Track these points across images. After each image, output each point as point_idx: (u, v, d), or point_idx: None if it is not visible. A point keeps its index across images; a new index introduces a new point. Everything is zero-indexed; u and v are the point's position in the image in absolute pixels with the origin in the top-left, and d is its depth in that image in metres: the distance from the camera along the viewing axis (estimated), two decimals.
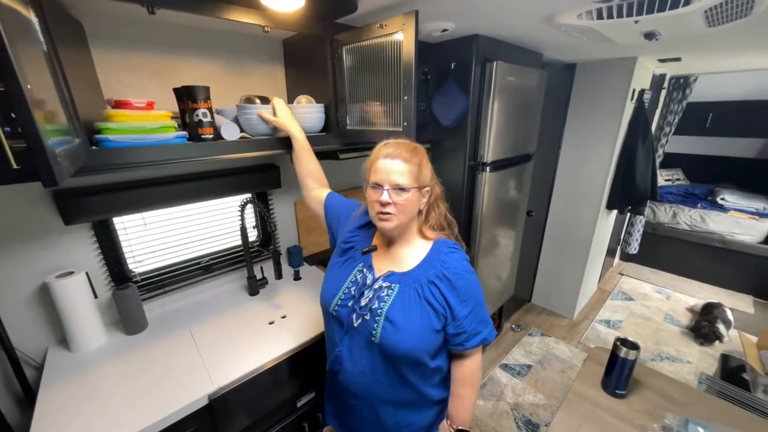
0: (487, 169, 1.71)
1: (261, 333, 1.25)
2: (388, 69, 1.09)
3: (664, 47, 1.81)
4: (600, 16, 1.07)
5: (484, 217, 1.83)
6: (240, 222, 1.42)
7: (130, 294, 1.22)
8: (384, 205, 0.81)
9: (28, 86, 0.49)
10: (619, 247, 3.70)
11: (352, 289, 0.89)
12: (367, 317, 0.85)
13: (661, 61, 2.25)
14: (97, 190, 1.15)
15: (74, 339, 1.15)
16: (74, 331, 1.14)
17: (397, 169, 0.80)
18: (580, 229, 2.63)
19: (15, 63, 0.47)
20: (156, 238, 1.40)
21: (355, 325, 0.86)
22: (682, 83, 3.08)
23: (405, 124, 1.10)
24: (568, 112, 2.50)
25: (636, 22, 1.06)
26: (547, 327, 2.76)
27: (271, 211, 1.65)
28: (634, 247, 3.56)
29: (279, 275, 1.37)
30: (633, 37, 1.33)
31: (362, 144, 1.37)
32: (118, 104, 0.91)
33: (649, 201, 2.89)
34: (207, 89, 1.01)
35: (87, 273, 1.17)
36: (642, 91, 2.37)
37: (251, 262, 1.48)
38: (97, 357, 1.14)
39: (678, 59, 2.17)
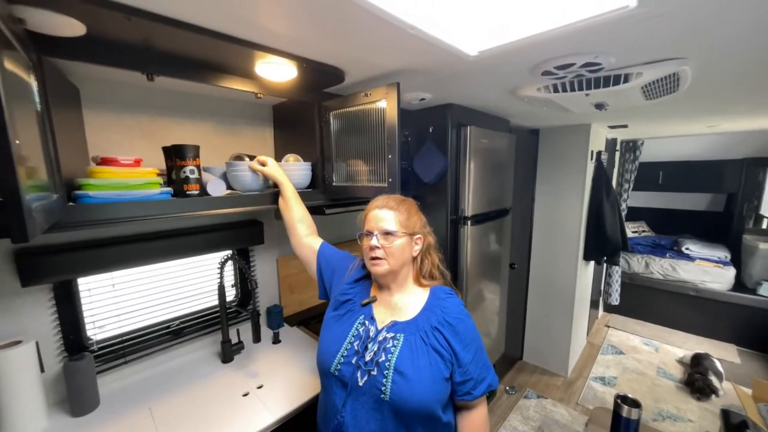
0: (469, 222, 1.77)
1: (234, 407, 1.11)
2: (373, 131, 1.17)
3: (613, 116, 2.07)
4: (556, 90, 1.23)
5: (470, 271, 1.84)
6: (219, 280, 1.35)
7: (84, 365, 1.08)
8: (373, 249, 0.85)
9: (17, 141, 0.49)
10: (601, 299, 3.74)
11: (355, 343, 0.84)
12: (374, 372, 0.78)
13: (611, 127, 2.56)
14: (64, 248, 1.08)
15: (6, 425, 0.97)
16: (10, 414, 0.97)
17: (385, 216, 0.86)
18: (562, 280, 2.67)
19: (8, 121, 0.47)
20: (123, 299, 1.29)
21: (360, 384, 0.79)
22: (632, 146, 3.47)
23: (390, 180, 1.15)
24: (537, 171, 2.72)
25: (587, 95, 1.23)
26: (543, 388, 2.62)
27: (252, 268, 1.59)
28: (615, 298, 3.61)
29: (257, 338, 1.27)
30: (586, 107, 1.52)
31: (348, 200, 1.40)
32: (105, 161, 0.91)
33: (621, 252, 3.02)
34: (197, 148, 1.04)
35: (37, 343, 1.04)
36: (599, 152, 2.64)
37: (227, 324, 1.37)
38: None
39: (625, 126, 2.47)
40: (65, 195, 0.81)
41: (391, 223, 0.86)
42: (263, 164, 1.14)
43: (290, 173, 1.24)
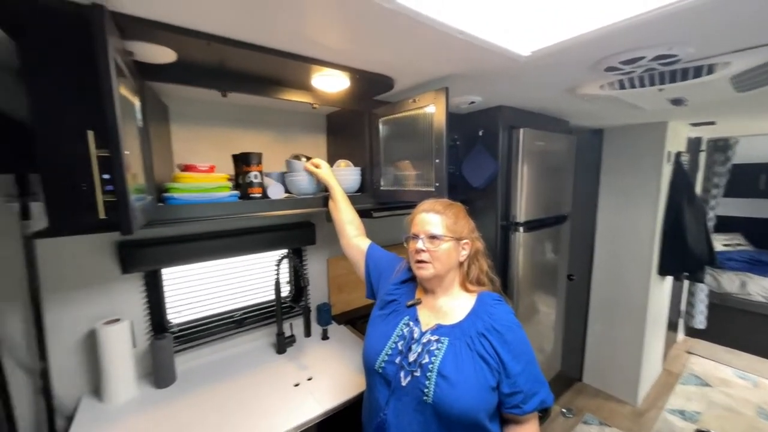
0: (521, 229, 1.69)
1: (285, 395, 1.19)
2: (421, 136, 1.19)
3: (695, 112, 1.82)
4: (623, 86, 1.13)
5: (521, 280, 1.74)
6: (275, 276, 1.47)
7: (166, 345, 1.25)
8: (419, 252, 0.86)
9: (126, 152, 0.60)
10: (681, 320, 3.27)
11: (399, 343, 0.85)
12: (417, 374, 0.79)
13: (694, 124, 2.25)
14: (153, 243, 1.26)
15: (108, 389, 1.16)
16: (109, 380, 1.16)
17: (431, 220, 0.87)
18: (631, 296, 2.39)
19: (121, 136, 0.58)
20: (195, 290, 1.46)
21: (403, 384, 0.80)
22: (722, 145, 3.00)
23: (437, 184, 1.15)
24: (601, 174, 2.49)
25: (660, 90, 1.10)
26: (606, 414, 2.36)
27: (304, 267, 1.70)
28: (700, 321, 3.12)
29: (308, 333, 1.35)
30: (660, 103, 1.37)
31: (395, 204, 1.43)
32: (186, 168, 1.06)
33: (707, 267, 2.62)
34: (260, 155, 1.15)
35: (131, 322, 1.23)
36: (678, 154, 2.33)
37: (282, 317, 1.48)
38: (126, 411, 1.13)
39: (712, 123, 2.16)
40: (156, 197, 0.95)
41: (437, 227, 0.86)
42: (317, 167, 1.22)
43: (340, 177, 1.31)
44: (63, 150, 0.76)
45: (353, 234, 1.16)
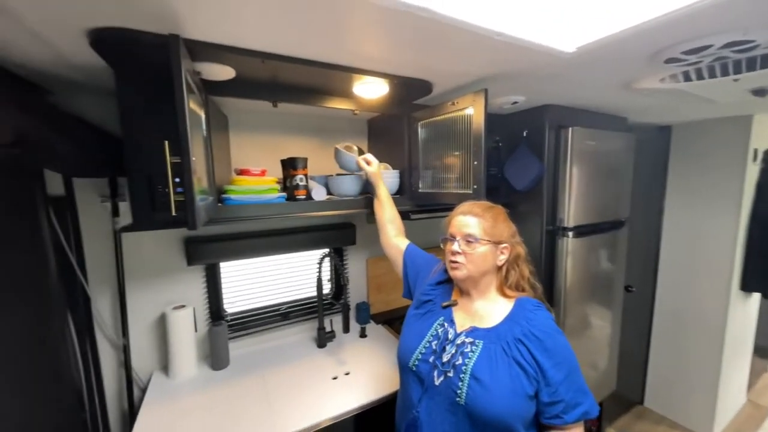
0: (570, 234, 1.59)
1: (324, 387, 1.25)
2: (459, 139, 1.19)
3: None
4: (688, 78, 1.02)
5: (569, 289, 1.63)
6: (317, 274, 1.55)
7: (221, 331, 1.39)
8: (454, 253, 0.86)
9: (194, 158, 0.70)
10: None
11: (434, 343, 0.86)
12: (450, 374, 0.79)
13: None
14: (213, 239, 1.41)
15: (174, 367, 1.32)
16: (175, 360, 1.32)
17: (468, 222, 0.87)
18: (705, 313, 2.11)
19: (190, 145, 0.67)
20: (247, 283, 1.60)
21: (436, 383, 0.81)
22: None
23: (475, 186, 1.14)
24: (668, 176, 2.24)
25: (736, 80, 0.98)
26: None
27: (344, 266, 1.77)
28: None
29: (347, 329, 1.40)
30: (737, 94, 1.21)
31: (432, 206, 1.43)
32: (242, 172, 1.17)
33: None
34: (305, 160, 1.24)
35: (194, 309, 1.39)
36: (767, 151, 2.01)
37: (322, 313, 1.56)
38: (188, 387, 1.27)
39: None
40: (216, 198, 1.07)
41: (473, 229, 0.85)
42: (368, 163, 1.26)
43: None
44: (145, 158, 0.89)
45: (393, 233, 1.20)
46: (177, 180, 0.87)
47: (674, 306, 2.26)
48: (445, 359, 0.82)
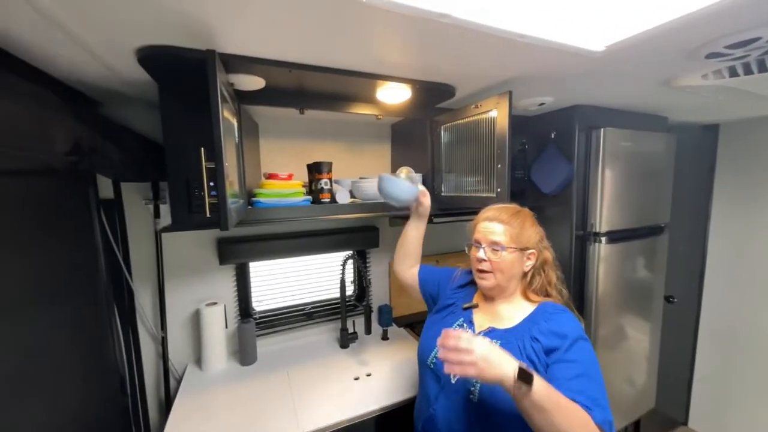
0: (602, 240, 1.51)
1: (346, 387, 1.28)
2: (483, 142, 1.17)
3: None
4: (734, 74, 0.95)
5: (601, 298, 1.55)
6: (341, 275, 1.58)
7: (250, 328, 1.45)
8: (480, 261, 0.86)
9: (227, 164, 0.74)
10: None
11: None
12: None
13: None
14: (243, 240, 1.48)
15: (206, 360, 1.40)
16: (208, 353, 1.39)
17: (495, 229, 0.85)
18: (759, 329, 1.92)
19: (223, 151, 0.72)
20: (274, 283, 1.66)
21: (453, 381, 0.83)
22: None
23: (498, 190, 1.12)
24: (714, 179, 2.08)
25: None
26: None
27: (367, 268, 1.79)
28: None
29: (368, 330, 1.42)
30: None
31: (455, 210, 1.42)
32: (270, 176, 1.23)
33: None
34: (330, 164, 1.28)
35: (225, 306, 1.47)
36: None
37: (345, 314, 1.59)
38: (219, 379, 1.34)
39: None
40: (247, 201, 1.13)
41: (500, 237, 0.84)
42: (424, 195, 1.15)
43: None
44: (183, 163, 0.97)
45: (412, 264, 1.18)
46: (211, 184, 0.93)
47: (723, 320, 2.08)
48: None
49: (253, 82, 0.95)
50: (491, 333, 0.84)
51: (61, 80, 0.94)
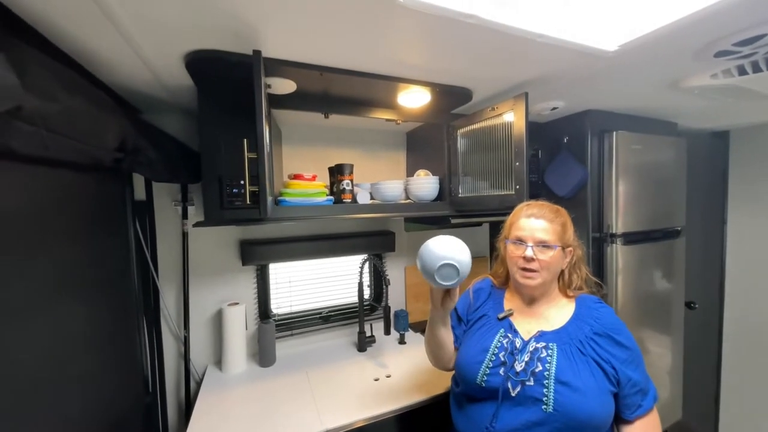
0: (618, 241, 1.52)
1: (367, 387, 1.27)
2: (499, 143, 1.22)
3: None
4: (743, 72, 0.99)
5: (621, 301, 1.54)
6: (359, 278, 1.60)
7: (269, 329, 1.46)
8: (528, 260, 0.83)
9: (267, 150, 0.80)
10: None
11: (501, 354, 0.83)
12: (530, 383, 0.77)
13: None
14: (264, 242, 1.52)
15: (227, 361, 1.40)
16: (228, 354, 1.40)
17: (541, 227, 0.85)
18: None
19: (266, 139, 0.77)
20: (292, 287, 1.69)
21: (513, 394, 0.78)
22: None
23: (517, 187, 1.15)
24: (728, 184, 2.08)
25: None
26: None
27: (385, 269, 1.81)
28: None
29: (387, 331, 1.43)
30: None
31: (472, 212, 1.45)
32: (295, 177, 1.28)
33: None
34: (351, 166, 1.33)
35: (245, 307, 1.49)
36: None
37: (363, 317, 1.59)
38: (239, 381, 1.34)
39: None
40: (274, 200, 1.18)
41: (547, 234, 0.83)
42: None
43: (420, 186, 1.41)
44: (217, 161, 1.03)
45: (452, 356, 1.01)
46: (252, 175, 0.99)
47: (745, 325, 2.02)
48: (519, 368, 0.80)
49: (285, 86, 1.03)
50: (542, 337, 0.82)
51: (108, 85, 1.02)
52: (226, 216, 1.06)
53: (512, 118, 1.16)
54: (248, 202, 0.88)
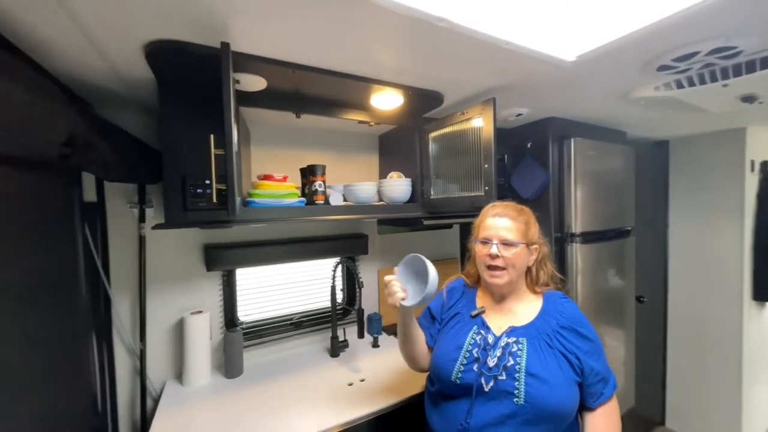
0: (578, 240, 1.62)
1: (341, 393, 1.24)
2: (469, 146, 1.26)
3: None
4: (681, 86, 1.11)
5: (581, 297, 1.64)
6: (331, 282, 1.57)
7: (236, 338, 1.39)
8: (493, 258, 0.86)
9: (236, 149, 0.76)
10: None
11: (474, 351, 0.86)
12: (502, 377, 0.80)
13: None
14: (231, 246, 1.45)
15: (188, 375, 1.31)
16: (190, 366, 1.31)
17: (505, 225, 0.88)
18: (719, 324, 2.08)
19: (234, 135, 0.74)
20: (261, 292, 1.62)
21: (486, 389, 0.80)
22: None
23: (486, 188, 1.19)
24: (669, 189, 2.31)
25: (725, 86, 1.06)
26: None
27: (359, 272, 1.79)
28: None
29: (361, 334, 1.41)
30: (729, 103, 1.29)
31: (443, 214, 1.49)
32: (265, 177, 1.24)
33: None
34: (324, 167, 1.31)
35: (210, 315, 1.40)
36: (765, 163, 2.08)
37: (336, 321, 1.56)
38: (203, 395, 1.26)
39: None
40: (243, 201, 1.13)
41: (510, 233, 0.87)
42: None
43: (393, 188, 1.42)
44: (180, 160, 0.97)
45: (427, 353, 1.02)
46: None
47: (687, 318, 2.24)
48: (491, 364, 0.82)
49: (255, 82, 0.99)
50: (513, 332, 0.85)
51: (55, 76, 0.93)
52: (190, 218, 1.00)
53: (481, 122, 1.20)
54: (215, 201, 0.83)
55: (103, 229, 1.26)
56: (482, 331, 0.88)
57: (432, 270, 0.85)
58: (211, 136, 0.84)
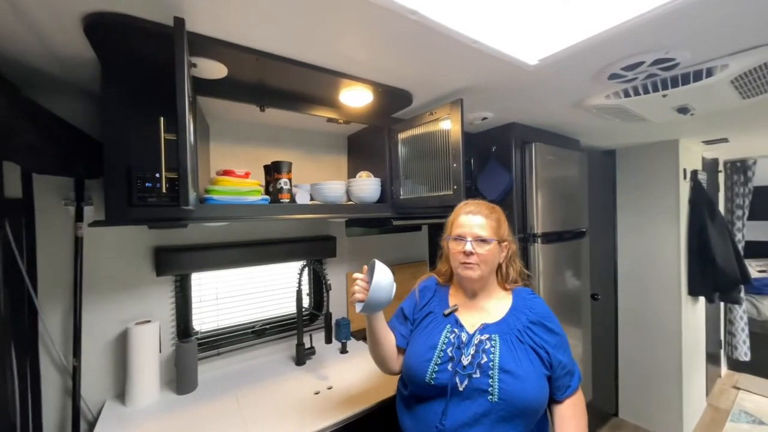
0: (539, 240, 1.69)
1: (307, 403, 1.17)
2: (438, 146, 1.27)
3: (705, 127, 1.87)
4: (627, 95, 1.21)
5: (543, 294, 1.71)
6: (297, 286, 1.49)
7: (190, 349, 1.27)
8: (467, 254, 0.87)
9: (191, 135, 0.69)
10: (722, 352, 3.03)
11: (448, 350, 0.85)
12: (476, 375, 0.79)
13: (707, 142, 2.28)
14: (185, 249, 1.33)
15: (132, 393, 1.17)
16: (134, 383, 1.17)
17: (478, 223, 0.90)
18: (661, 318, 2.27)
19: (188, 119, 0.67)
20: (218, 299, 1.50)
21: (461, 388, 0.80)
22: (739, 166, 2.99)
23: (455, 187, 1.21)
24: (616, 194, 2.50)
25: (664, 96, 1.17)
26: None
27: (326, 275, 1.72)
28: (743, 352, 2.89)
29: (329, 340, 1.35)
30: (666, 113, 1.42)
31: (413, 214, 1.48)
32: (225, 173, 1.16)
33: (744, 289, 2.49)
34: (290, 164, 1.26)
35: (160, 324, 1.27)
36: (695, 172, 2.33)
37: (302, 327, 1.49)
38: (148, 414, 1.13)
39: (725, 140, 2.18)
40: (199, 197, 1.04)
41: (484, 230, 0.88)
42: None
43: (362, 187, 1.40)
44: (124, 150, 0.87)
45: (397, 355, 0.98)
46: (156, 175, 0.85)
47: (634, 313, 2.42)
48: (465, 362, 0.82)
49: (214, 69, 0.93)
50: (486, 329, 0.86)
51: None
52: (136, 214, 0.89)
53: (449, 123, 1.22)
54: (164, 191, 0.75)
55: (29, 229, 1.10)
56: (456, 330, 0.88)
57: (381, 273, 0.81)
58: (161, 118, 0.76)
